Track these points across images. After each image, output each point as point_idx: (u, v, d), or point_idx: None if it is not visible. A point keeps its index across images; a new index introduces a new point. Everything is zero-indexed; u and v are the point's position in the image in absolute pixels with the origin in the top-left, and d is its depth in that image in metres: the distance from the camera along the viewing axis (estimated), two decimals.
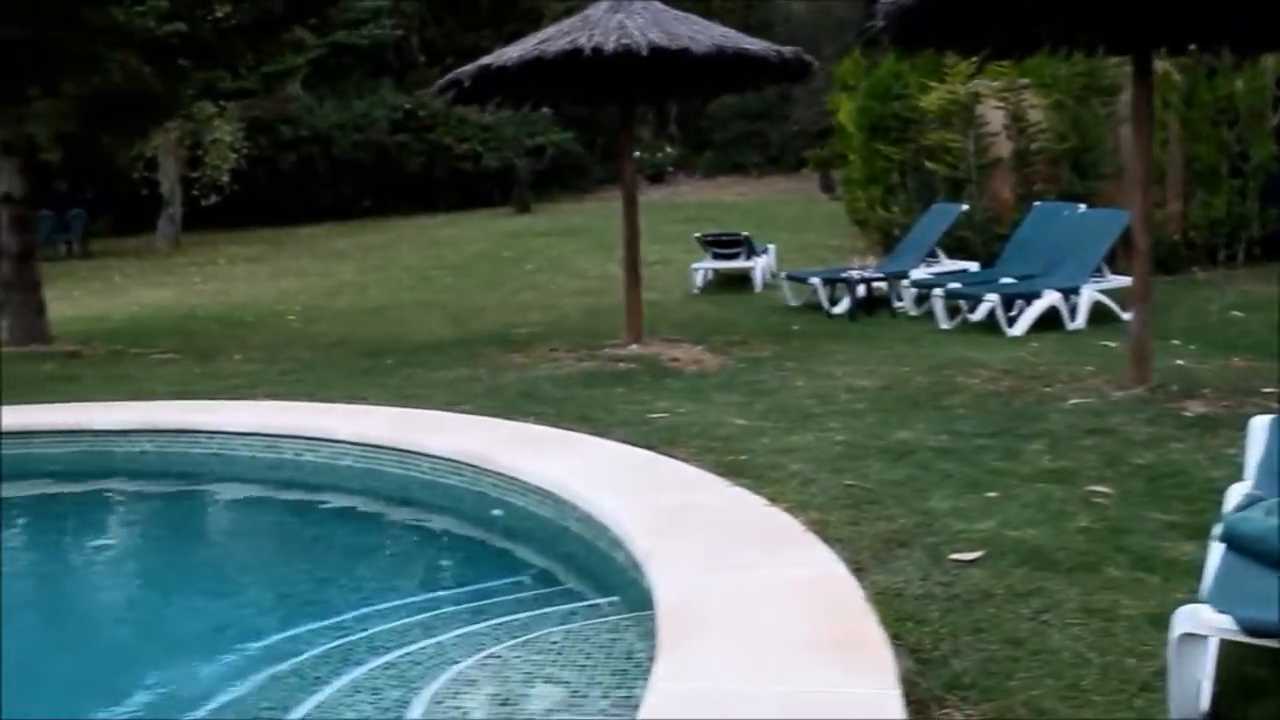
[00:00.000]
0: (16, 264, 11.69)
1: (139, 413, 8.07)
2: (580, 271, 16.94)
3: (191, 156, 25.21)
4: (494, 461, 6.23)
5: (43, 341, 11.59)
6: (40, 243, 22.90)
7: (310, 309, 14.45)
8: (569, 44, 9.23)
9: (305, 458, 7.26)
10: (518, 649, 4.36)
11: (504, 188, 28.77)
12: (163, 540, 7.21)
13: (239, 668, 4.67)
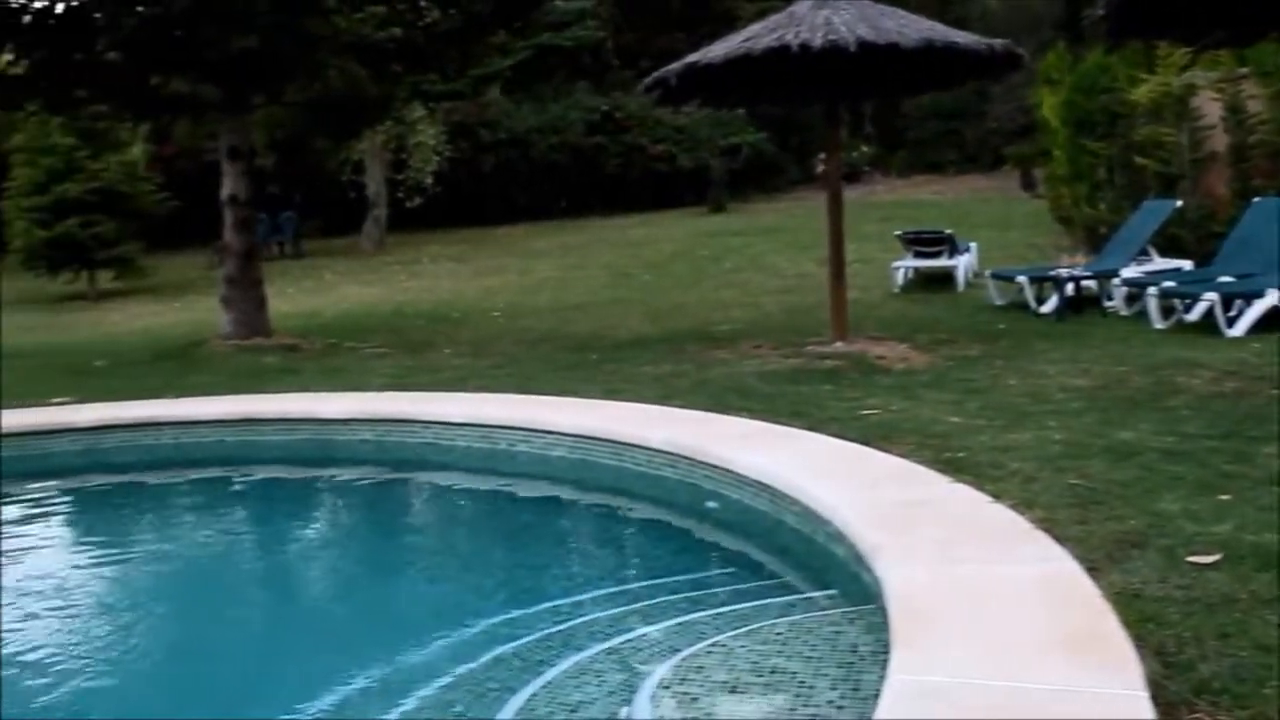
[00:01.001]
0: (240, 262, 12.21)
1: (358, 403, 8.36)
2: (778, 270, 16.89)
3: (396, 160, 25.97)
4: (708, 454, 6.25)
5: (264, 335, 12.07)
6: (257, 243, 23.97)
7: (513, 306, 14.74)
8: (775, 41, 9.18)
9: (519, 448, 7.40)
10: (741, 638, 4.37)
11: (698, 188, 28.87)
12: (382, 526, 7.45)
13: (462, 649, 4.77)
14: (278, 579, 6.55)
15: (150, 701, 4.72)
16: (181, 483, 8.30)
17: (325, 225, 26.86)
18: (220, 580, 6.50)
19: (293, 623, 5.65)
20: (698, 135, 30.01)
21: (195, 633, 5.48)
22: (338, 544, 7.07)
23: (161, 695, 4.80)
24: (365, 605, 5.78)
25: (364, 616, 5.59)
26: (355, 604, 5.85)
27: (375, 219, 25.75)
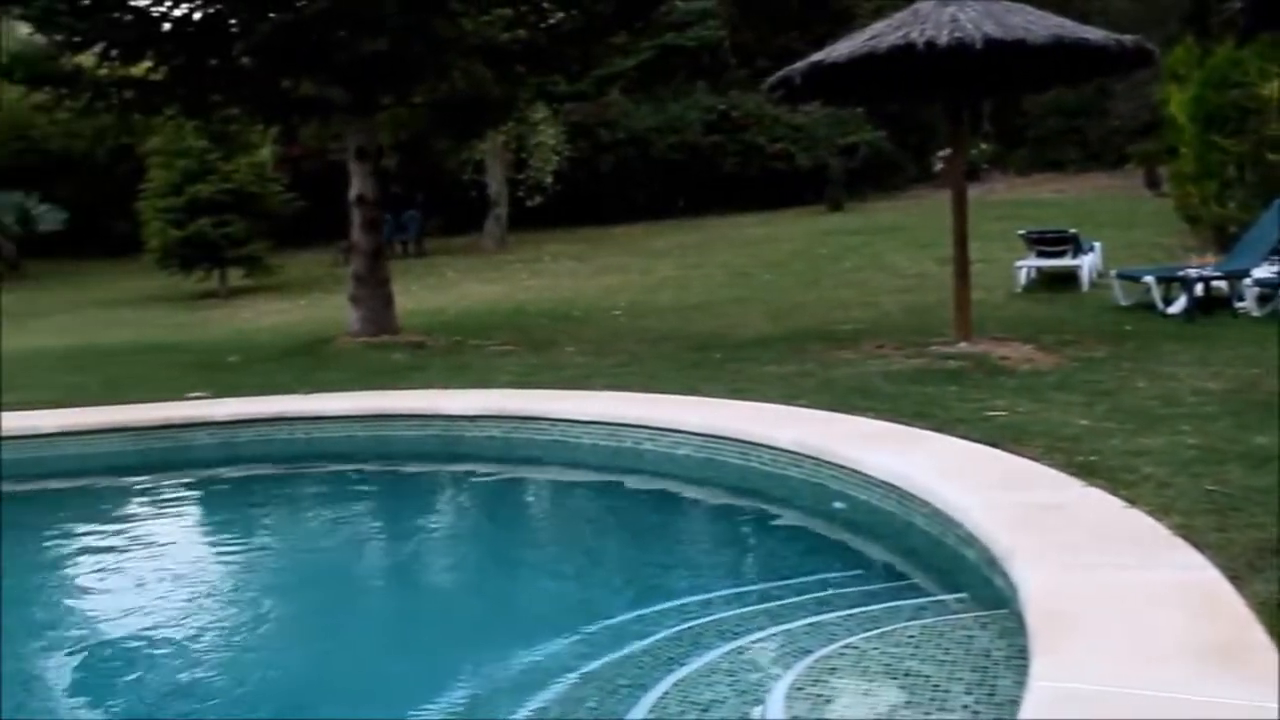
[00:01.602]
0: (369, 261, 12.47)
1: (486, 400, 8.48)
2: (898, 269, 16.76)
3: (517, 160, 26.26)
4: (835, 454, 6.25)
5: (391, 333, 12.31)
6: (384, 242, 24.40)
7: (634, 304, 14.83)
8: (900, 39, 9.11)
9: (645, 446, 7.46)
10: (873, 641, 4.37)
11: (816, 187, 28.74)
12: (509, 521, 7.56)
13: (592, 645, 4.82)
14: (408, 573, 6.67)
15: (281, 693, 4.84)
16: (314, 476, 8.51)
17: (446, 224, 27.24)
18: (351, 574, 6.66)
19: (423, 617, 5.74)
20: (815, 134, 29.89)
21: (327, 625, 5.61)
22: (466, 539, 7.19)
23: (292, 688, 4.90)
24: (495, 601, 5.87)
25: (494, 612, 5.67)
26: (485, 599, 5.93)
27: (496, 218, 26.07)
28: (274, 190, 21.37)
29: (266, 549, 7.14)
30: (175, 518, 8.10)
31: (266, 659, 5.25)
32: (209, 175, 19.96)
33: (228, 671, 5.09)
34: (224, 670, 5.11)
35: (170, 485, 8.55)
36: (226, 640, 5.48)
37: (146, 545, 7.23)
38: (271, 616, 5.85)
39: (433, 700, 4.39)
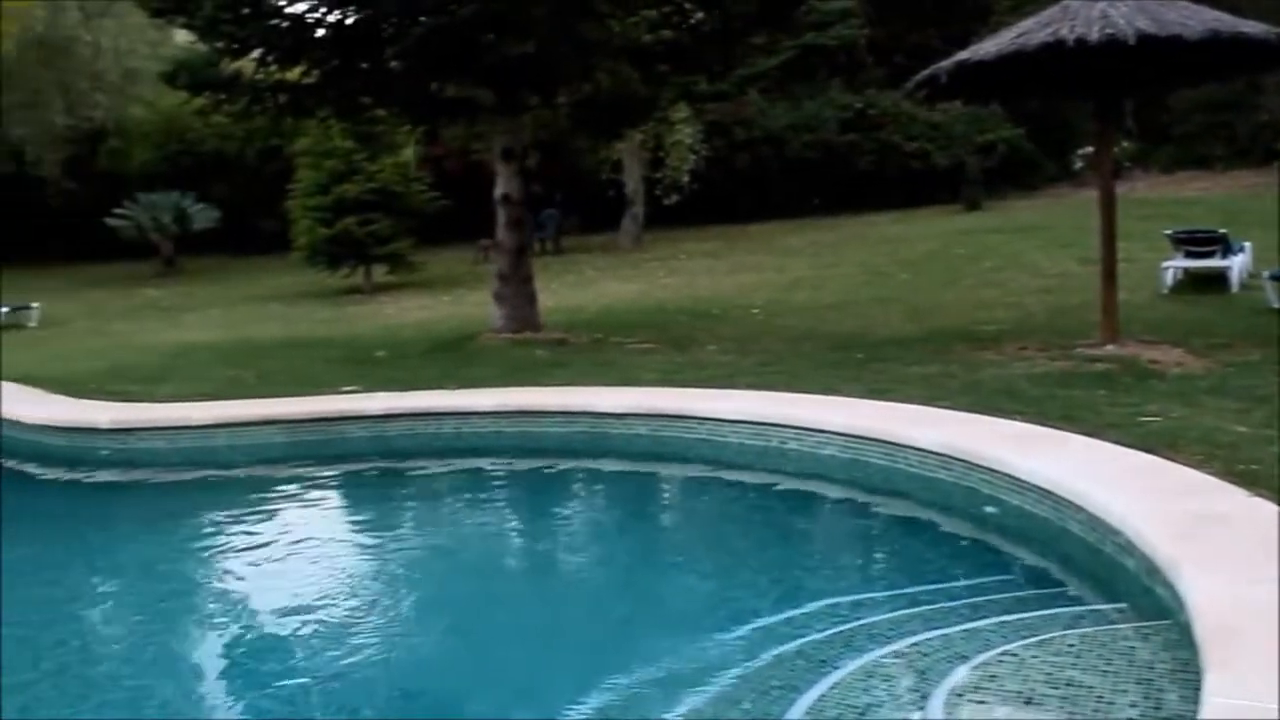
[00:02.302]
0: (512, 259, 12.67)
1: (633, 397, 8.57)
2: (1038, 269, 16.47)
3: (654, 158, 26.40)
4: (984, 457, 6.20)
5: (534, 329, 12.49)
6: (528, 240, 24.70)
7: (771, 303, 14.83)
8: (1050, 36, 8.97)
9: (790, 446, 7.48)
10: (1032, 649, 4.34)
11: (952, 186, 28.36)
12: (656, 519, 7.65)
13: (743, 645, 4.86)
14: (555, 569, 6.77)
15: (428, 686, 4.94)
16: (462, 471, 8.68)
17: (583, 222, 27.51)
18: (499, 569, 6.79)
19: (572, 614, 5.79)
20: (953, 132, 29.51)
21: (475, 620, 5.70)
22: (613, 536, 7.24)
23: (439, 681, 5.01)
24: (643, 598, 5.92)
25: (642, 610, 5.73)
26: (633, 597, 5.99)
27: (633, 216, 26.26)
28: (417, 189, 21.82)
29: (416, 542, 7.31)
30: (326, 509, 8.34)
31: (413, 652, 5.39)
32: (355, 175, 20.45)
33: (374, 663, 5.21)
34: (370, 662, 5.23)
35: (323, 477, 8.81)
36: (375, 632, 5.62)
37: (298, 536, 7.46)
38: (420, 609, 5.99)
39: (584, 699, 4.43)
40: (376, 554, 7.07)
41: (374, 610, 5.94)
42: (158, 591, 6.37)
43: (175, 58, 13.71)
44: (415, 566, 6.76)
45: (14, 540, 7.61)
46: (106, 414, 9.37)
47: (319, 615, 5.82)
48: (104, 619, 6.19)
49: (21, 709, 4.74)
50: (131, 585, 6.57)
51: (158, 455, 9.01)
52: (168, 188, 27.95)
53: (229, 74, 12.65)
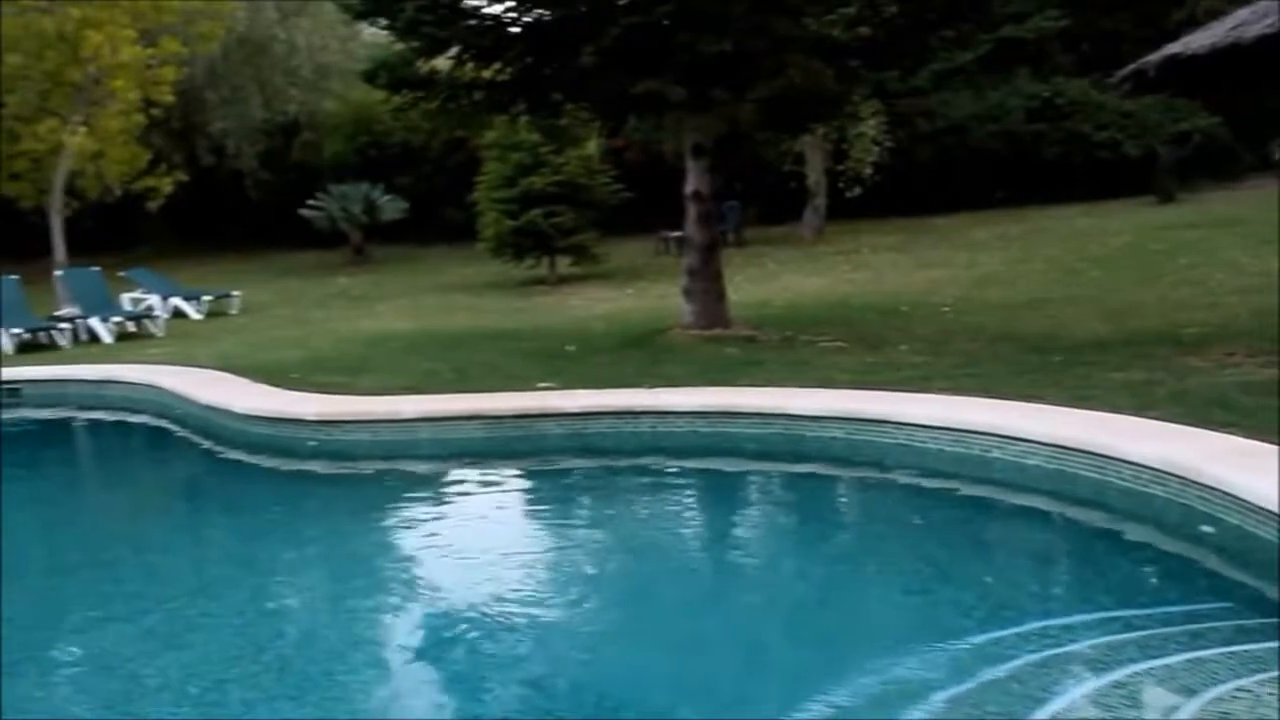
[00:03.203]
0: (702, 255, 12.72)
1: (829, 400, 8.51)
2: (1239, 267, 15.84)
3: (836, 150, 26.18)
4: (1202, 474, 5.98)
5: (723, 326, 12.52)
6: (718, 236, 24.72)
7: (961, 300, 14.57)
8: (1268, 28, 8.61)
9: (992, 454, 7.35)
10: (1268, 685, 4.18)
11: (1143, 176, 27.40)
12: (853, 527, 7.59)
13: (949, 667, 4.77)
14: (750, 577, 6.73)
15: (631, 696, 4.93)
16: (659, 471, 8.75)
17: (763, 214, 27.42)
18: (697, 572, 6.83)
19: (767, 625, 5.74)
20: (1145, 121, 28.50)
21: (668, 626, 5.72)
22: (810, 543, 7.18)
23: (640, 691, 4.99)
24: (842, 611, 5.85)
25: (841, 623, 5.66)
26: (832, 609, 5.93)
27: (815, 208, 26.11)
28: (601, 182, 22.05)
29: (617, 543, 7.38)
30: (528, 507, 8.52)
31: (612, 657, 5.42)
32: (541, 168, 20.76)
33: (578, 665, 5.30)
34: (575, 664, 5.32)
35: (522, 474, 9.01)
36: (579, 635, 5.71)
37: (503, 534, 7.64)
38: (621, 613, 6.06)
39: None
40: (579, 553, 7.18)
41: (579, 611, 6.04)
42: (372, 584, 6.58)
43: (374, 57, 14.09)
44: (616, 568, 6.85)
45: (236, 531, 7.98)
46: (312, 405, 9.70)
47: (523, 614, 5.94)
48: (318, 611, 6.41)
49: (244, 704, 4.95)
50: (346, 577, 6.79)
51: (361, 447, 9.29)
52: (357, 179, 28.77)
53: (425, 73, 12.96)
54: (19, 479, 9.65)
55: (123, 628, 6.00)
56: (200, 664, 5.41)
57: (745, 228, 25.76)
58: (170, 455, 10.77)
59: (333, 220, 27.52)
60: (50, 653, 5.82)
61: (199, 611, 6.21)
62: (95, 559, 7.35)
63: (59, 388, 12.94)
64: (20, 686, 5.30)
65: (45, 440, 12.16)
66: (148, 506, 9.07)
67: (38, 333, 17.57)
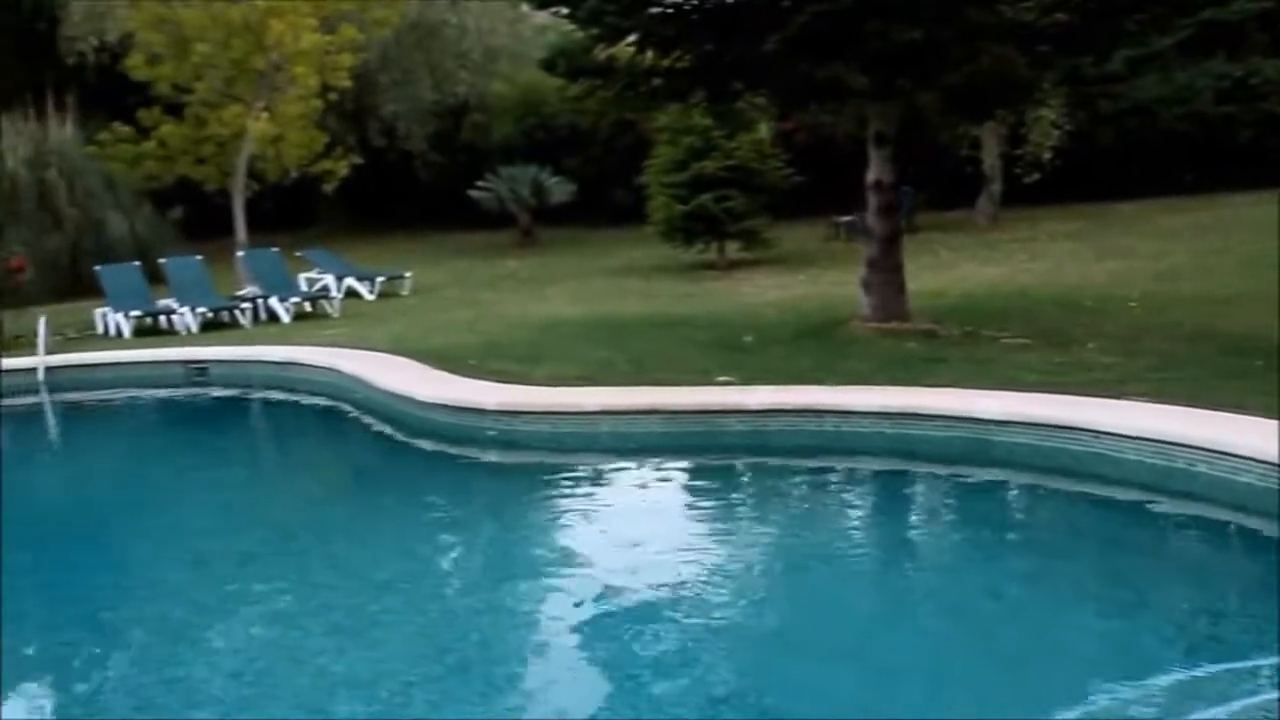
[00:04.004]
0: (883, 246, 12.44)
1: (1016, 403, 8.22)
2: None
3: (1013, 134, 25.44)
4: None
5: (901, 319, 12.23)
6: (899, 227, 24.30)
7: (1150, 295, 13.95)
8: None
9: (1198, 469, 6.99)
10: None
11: None
12: (1046, 541, 7.25)
13: (1151, 703, 4.55)
14: (930, 589, 6.52)
15: (790, 702, 4.88)
16: (842, 472, 8.59)
17: (932, 198, 26.77)
18: (882, 581, 6.65)
19: (943, 643, 5.56)
20: None
21: (847, 637, 5.61)
22: (998, 555, 6.92)
23: (799, 697, 4.94)
24: (1036, 632, 5.60)
25: (1036, 646, 5.42)
26: (1025, 629, 5.68)
27: (990, 194, 25.42)
28: (773, 166, 21.76)
29: (793, 544, 7.26)
30: (708, 503, 8.42)
31: (779, 663, 5.36)
32: (712, 152, 20.59)
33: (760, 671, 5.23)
34: (747, 666, 5.27)
35: (704, 469, 8.91)
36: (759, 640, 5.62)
37: (687, 530, 7.58)
38: (794, 620, 5.94)
39: None
40: (758, 554, 7.10)
41: (758, 617, 5.95)
42: (556, 582, 6.58)
43: (552, 44, 14.11)
44: (794, 572, 6.75)
45: (420, 524, 8.06)
46: (493, 395, 9.74)
47: (708, 619, 5.90)
48: (500, 610, 6.40)
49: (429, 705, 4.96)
50: (529, 575, 6.80)
51: (541, 439, 9.31)
52: (524, 160, 28.97)
53: (603, 61, 12.90)
54: (204, 463, 9.95)
55: (311, 621, 6.09)
56: (387, 661, 5.45)
57: (917, 213, 25.22)
58: (352, 442, 10.95)
59: (501, 202, 27.78)
60: (241, 641, 5.94)
61: (382, 607, 6.26)
62: (283, 548, 7.49)
63: (243, 368, 13.31)
64: (215, 675, 5.40)
65: (230, 422, 12.56)
66: (331, 494, 9.22)
67: (220, 311, 18.10)
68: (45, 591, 6.90)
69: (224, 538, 7.75)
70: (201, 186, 23.69)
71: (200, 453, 10.55)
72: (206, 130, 22.58)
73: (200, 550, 7.53)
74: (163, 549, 7.69)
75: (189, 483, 9.51)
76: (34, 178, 24.08)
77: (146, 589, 6.86)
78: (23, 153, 24.31)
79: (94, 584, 7.02)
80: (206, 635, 6.09)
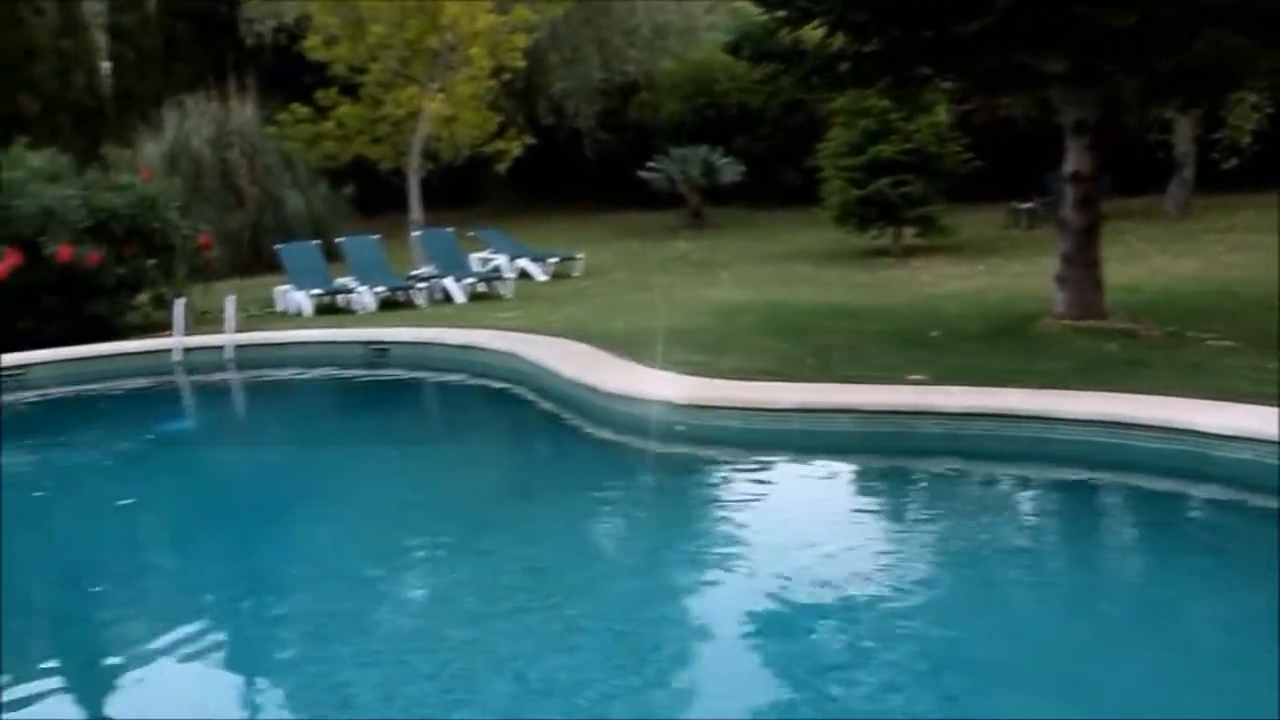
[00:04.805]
0: (1079, 239, 11.93)
1: (1239, 417, 7.72)
2: None
3: (1208, 117, 24.27)
4: None
5: (1097, 317, 11.72)
6: (1098, 220, 23.47)
7: None
8: None
9: None
10: None
11: None
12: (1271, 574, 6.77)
13: None
14: (1160, 617, 6.05)
15: None
16: (1045, 483, 8.21)
17: (1116, 185, 25.68)
18: (1092, 605, 6.26)
19: (1156, 687, 5.15)
20: None
21: (1073, 666, 5.30)
22: (1223, 589, 6.42)
23: None
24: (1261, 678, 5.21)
25: None
26: (1246, 673, 5.23)
27: (1181, 180, 24.30)
28: (952, 150, 21.11)
29: (991, 556, 6.91)
30: (903, 507, 8.12)
31: (984, 689, 5.07)
32: (890, 135, 20.07)
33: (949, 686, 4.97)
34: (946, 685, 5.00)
35: (898, 474, 8.61)
36: (958, 653, 5.36)
37: (880, 537, 7.31)
38: (999, 640, 5.63)
39: None
40: (954, 562, 6.78)
41: (965, 632, 5.66)
42: (757, 587, 6.37)
43: (734, 27, 13.87)
44: (995, 584, 6.42)
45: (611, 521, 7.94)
46: (681, 388, 9.56)
47: (916, 628, 5.64)
48: (695, 616, 6.23)
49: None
50: (726, 578, 6.61)
51: (731, 435, 9.09)
52: (692, 140, 28.75)
53: (790, 44, 12.61)
54: (387, 450, 9.95)
55: (504, 624, 5.98)
56: (584, 669, 5.33)
57: (1103, 199, 24.28)
58: (533, 432, 10.86)
59: (671, 182, 27.61)
60: (438, 642, 5.84)
61: (579, 611, 6.13)
62: (472, 545, 7.42)
63: (424, 351, 13.36)
64: (413, 677, 5.32)
65: (413, 406, 12.62)
66: (512, 487, 9.07)
67: (397, 291, 18.28)
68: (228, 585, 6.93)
69: (413, 529, 7.71)
70: (375, 165, 24.02)
71: (384, 440, 10.55)
72: (382, 110, 22.87)
73: (390, 542, 7.51)
74: (358, 539, 7.68)
75: (374, 468, 9.54)
76: (217, 157, 24.74)
77: (336, 581, 6.81)
78: (206, 133, 24.97)
79: (281, 573, 7.06)
80: (399, 630, 6.04)
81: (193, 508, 8.70)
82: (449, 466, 9.62)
